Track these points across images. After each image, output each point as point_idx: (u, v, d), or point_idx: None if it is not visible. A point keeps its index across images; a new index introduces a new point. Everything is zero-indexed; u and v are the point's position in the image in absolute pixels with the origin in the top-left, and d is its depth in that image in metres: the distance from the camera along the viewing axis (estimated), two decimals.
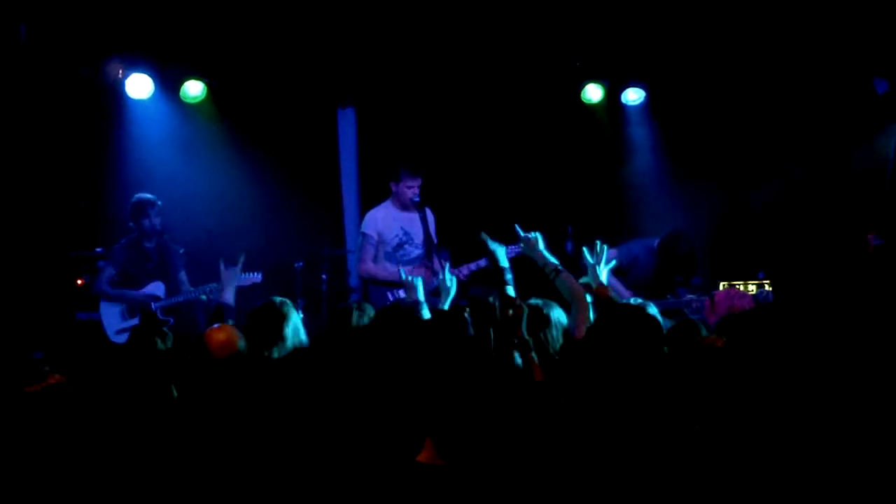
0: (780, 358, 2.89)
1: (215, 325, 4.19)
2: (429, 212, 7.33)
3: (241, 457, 3.19)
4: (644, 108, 9.37)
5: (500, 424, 3.20)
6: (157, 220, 7.66)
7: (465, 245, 7.43)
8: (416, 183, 7.21)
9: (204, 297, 7.57)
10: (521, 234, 5.21)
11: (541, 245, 5.14)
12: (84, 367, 3.81)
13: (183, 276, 7.79)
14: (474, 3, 8.40)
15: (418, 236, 7.28)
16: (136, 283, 7.67)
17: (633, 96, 9.28)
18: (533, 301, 4.60)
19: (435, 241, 7.22)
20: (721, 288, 7.08)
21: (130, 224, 7.74)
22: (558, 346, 4.51)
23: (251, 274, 7.39)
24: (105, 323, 7.65)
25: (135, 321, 7.57)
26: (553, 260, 5.07)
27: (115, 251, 7.73)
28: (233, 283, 5.47)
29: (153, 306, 7.58)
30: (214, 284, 7.39)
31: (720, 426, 3.00)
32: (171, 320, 7.58)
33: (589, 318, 4.64)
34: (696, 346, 3.61)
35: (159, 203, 7.69)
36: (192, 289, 7.68)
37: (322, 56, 8.76)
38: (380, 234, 7.24)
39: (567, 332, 4.62)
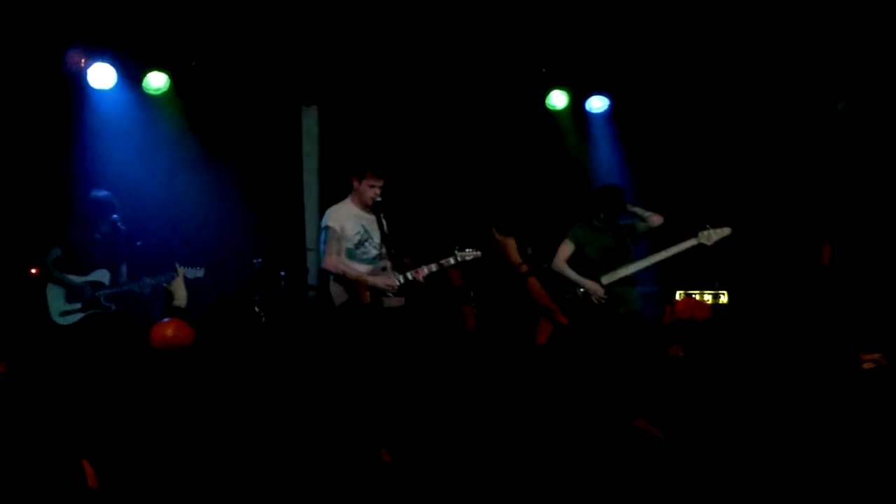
0: (739, 365, 2.92)
1: (165, 320, 4.13)
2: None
3: (207, 451, 3.17)
4: (608, 116, 9.42)
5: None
6: (113, 219, 7.66)
7: (424, 247, 7.45)
8: (379, 184, 7.14)
9: (137, 289, 7.58)
10: None
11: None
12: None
13: (124, 268, 7.77)
14: (441, 7, 8.40)
15: (377, 237, 7.23)
16: (82, 268, 7.65)
17: (597, 104, 9.32)
18: None
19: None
20: (678, 297, 7.15)
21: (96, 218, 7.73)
22: None
23: (195, 268, 7.42)
24: (50, 303, 7.60)
25: (78, 305, 7.55)
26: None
27: (67, 230, 7.69)
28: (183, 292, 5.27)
29: (96, 293, 7.57)
30: (149, 279, 7.49)
31: (684, 434, 3.02)
32: (113, 306, 7.58)
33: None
34: (660, 357, 3.63)
35: (114, 199, 7.67)
36: (126, 280, 7.67)
37: (288, 53, 8.73)
38: (343, 229, 7.03)
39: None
